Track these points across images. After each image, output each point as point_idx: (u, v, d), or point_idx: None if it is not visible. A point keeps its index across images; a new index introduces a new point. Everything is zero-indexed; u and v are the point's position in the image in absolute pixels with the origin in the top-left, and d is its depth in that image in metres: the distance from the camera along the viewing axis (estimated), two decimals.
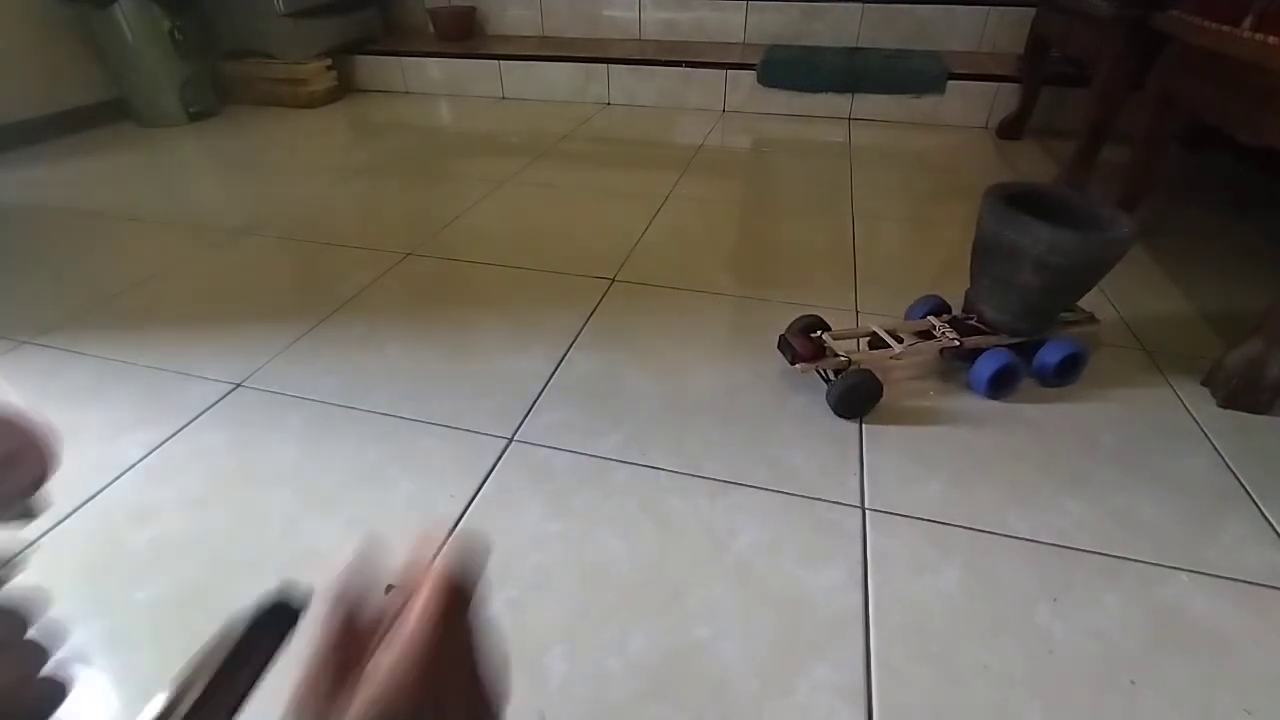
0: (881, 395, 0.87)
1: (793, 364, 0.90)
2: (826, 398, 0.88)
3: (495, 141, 2.06)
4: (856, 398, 0.86)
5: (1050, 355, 0.90)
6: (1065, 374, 0.92)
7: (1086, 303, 0.97)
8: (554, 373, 0.96)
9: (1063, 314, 0.96)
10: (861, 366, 0.87)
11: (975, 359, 0.90)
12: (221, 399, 0.91)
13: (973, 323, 0.94)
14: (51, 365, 0.99)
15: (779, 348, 0.94)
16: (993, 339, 0.92)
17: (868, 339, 0.94)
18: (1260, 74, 0.91)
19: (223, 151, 1.99)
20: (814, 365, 0.89)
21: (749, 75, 2.26)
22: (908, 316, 1.02)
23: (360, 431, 0.85)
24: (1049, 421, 0.87)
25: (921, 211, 1.54)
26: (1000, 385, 0.89)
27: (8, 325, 1.08)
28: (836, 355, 0.89)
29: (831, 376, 0.89)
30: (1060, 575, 0.66)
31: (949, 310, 1.00)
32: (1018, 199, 0.87)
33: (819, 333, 0.94)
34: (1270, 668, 0.58)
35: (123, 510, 0.74)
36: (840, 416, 0.87)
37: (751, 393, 0.92)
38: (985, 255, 0.90)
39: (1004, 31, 2.32)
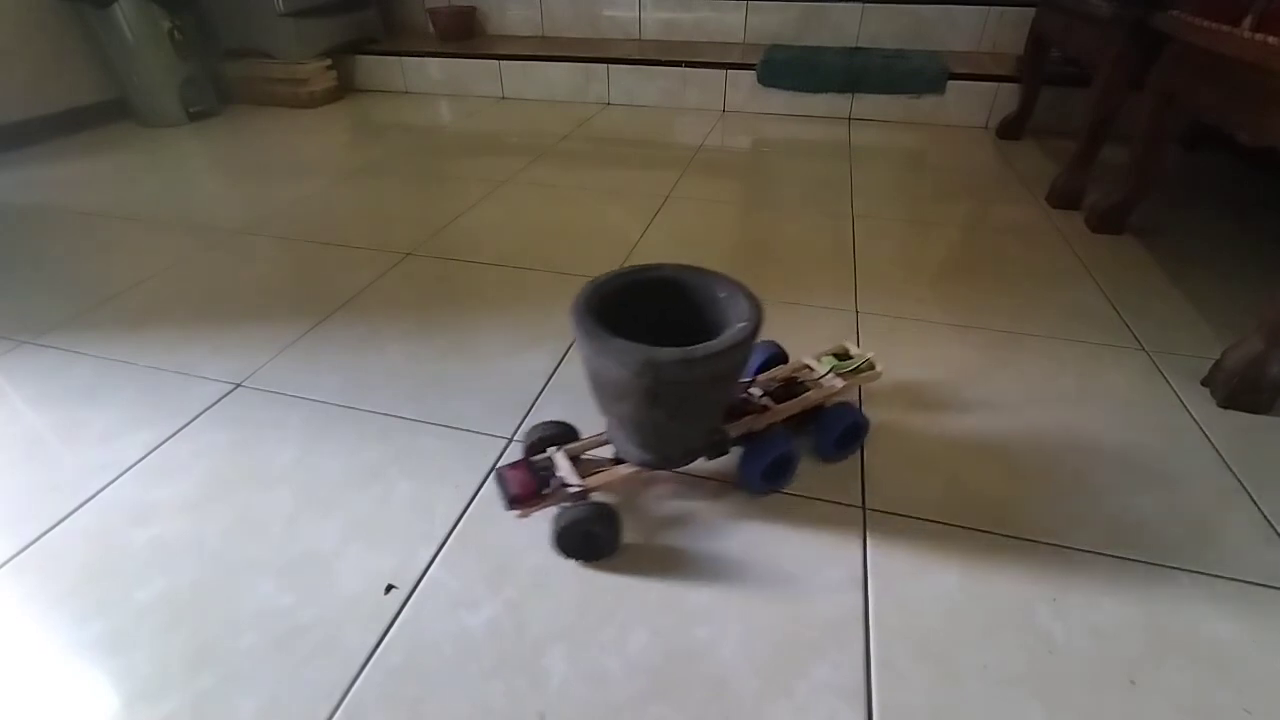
0: (616, 533, 0.67)
1: (508, 509, 0.65)
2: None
3: (495, 141, 2.05)
4: (575, 539, 0.65)
5: (827, 431, 0.77)
6: (847, 445, 0.79)
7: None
8: (554, 373, 0.96)
9: (840, 363, 0.82)
10: (595, 497, 0.67)
11: (743, 449, 0.73)
12: (221, 399, 0.91)
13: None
14: (51, 365, 0.99)
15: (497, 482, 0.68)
16: (765, 417, 0.74)
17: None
18: (1260, 74, 0.91)
19: (223, 151, 1.99)
20: (537, 507, 0.66)
21: (749, 75, 2.26)
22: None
23: (360, 431, 0.85)
24: (1048, 422, 0.87)
25: (921, 212, 1.54)
26: (777, 476, 0.74)
27: (8, 325, 1.09)
28: (565, 485, 0.67)
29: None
30: (1060, 575, 0.66)
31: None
32: (626, 294, 0.66)
33: (550, 451, 0.71)
34: (1270, 668, 0.58)
35: (123, 510, 0.74)
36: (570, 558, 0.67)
37: None
38: (596, 390, 0.65)
39: (1004, 31, 2.33)
